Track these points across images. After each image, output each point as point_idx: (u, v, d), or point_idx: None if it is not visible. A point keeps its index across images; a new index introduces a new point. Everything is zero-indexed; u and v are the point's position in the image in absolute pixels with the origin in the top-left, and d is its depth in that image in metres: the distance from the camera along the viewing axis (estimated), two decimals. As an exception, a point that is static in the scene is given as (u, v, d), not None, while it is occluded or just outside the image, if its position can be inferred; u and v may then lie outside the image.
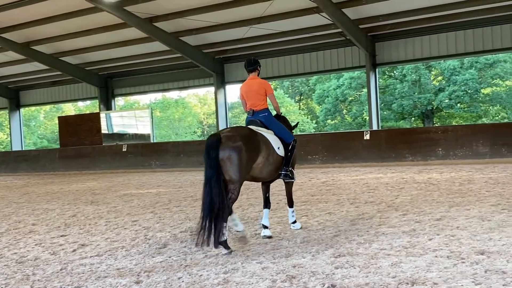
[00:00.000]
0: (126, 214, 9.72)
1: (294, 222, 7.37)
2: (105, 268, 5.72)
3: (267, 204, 7.20)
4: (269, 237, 6.86)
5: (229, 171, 6.14)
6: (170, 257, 6.05)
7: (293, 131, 7.82)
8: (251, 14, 21.14)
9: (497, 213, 7.44)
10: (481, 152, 16.90)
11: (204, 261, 5.76)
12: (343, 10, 19.92)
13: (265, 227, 6.98)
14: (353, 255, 5.55)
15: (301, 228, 7.35)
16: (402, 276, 4.72)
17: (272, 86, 8.00)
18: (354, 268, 5.08)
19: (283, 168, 7.03)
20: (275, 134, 7.03)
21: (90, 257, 6.32)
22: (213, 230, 5.92)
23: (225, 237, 6.06)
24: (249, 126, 6.95)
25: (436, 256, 5.30)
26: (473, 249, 5.48)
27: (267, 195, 7.29)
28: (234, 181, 6.20)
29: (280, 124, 7.30)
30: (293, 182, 7.38)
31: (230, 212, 6.28)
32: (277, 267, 5.27)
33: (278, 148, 6.87)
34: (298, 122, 8.33)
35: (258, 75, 7.46)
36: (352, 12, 20.32)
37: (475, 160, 16.65)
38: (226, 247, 6.08)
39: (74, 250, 6.77)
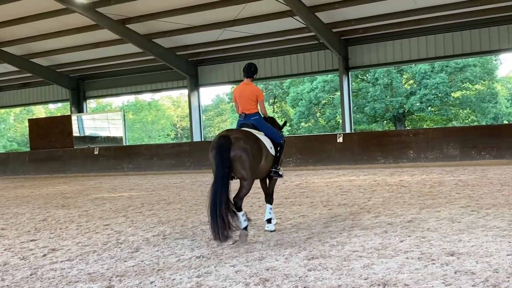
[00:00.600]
0: (98, 218, 9.61)
1: (270, 221, 7.48)
2: (76, 273, 5.63)
3: (266, 199, 7.76)
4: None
5: (241, 170, 6.63)
6: (142, 261, 5.99)
7: (282, 130, 8.28)
8: (225, 17, 21.15)
9: (466, 215, 7.57)
10: (451, 154, 17.19)
11: (177, 265, 5.72)
12: (316, 14, 20.08)
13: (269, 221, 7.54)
14: (326, 257, 5.58)
15: (274, 230, 7.35)
16: (374, 277, 4.77)
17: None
18: (327, 270, 5.10)
19: (274, 166, 7.54)
20: (266, 135, 7.48)
21: (61, 261, 6.22)
22: (226, 225, 6.26)
23: (246, 223, 6.62)
24: (246, 129, 7.32)
25: (407, 258, 5.36)
26: (443, 251, 5.56)
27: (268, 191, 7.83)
28: (246, 178, 6.70)
29: (270, 125, 7.75)
30: (277, 179, 7.83)
31: (240, 209, 6.71)
32: (250, 270, 5.27)
33: (271, 148, 7.41)
34: (286, 121, 8.72)
35: (252, 81, 7.87)
36: (325, 16, 20.50)
37: (445, 163, 16.93)
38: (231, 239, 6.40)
39: (44, 255, 6.66)
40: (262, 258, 5.74)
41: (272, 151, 7.42)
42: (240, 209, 6.67)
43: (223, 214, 6.26)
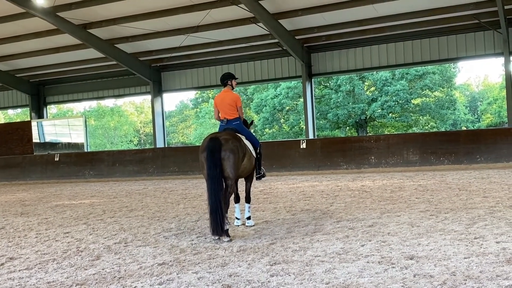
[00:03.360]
0: (58, 226, 9.43)
1: (249, 218, 8.27)
2: (35, 282, 5.51)
3: (244, 198, 8.44)
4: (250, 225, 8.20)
5: (228, 169, 7.24)
6: (103, 269, 5.91)
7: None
8: (188, 23, 21.12)
9: (425, 219, 7.73)
10: (411, 160, 17.53)
11: (139, 272, 5.66)
12: (279, 21, 20.26)
13: (237, 218, 8.30)
14: (288, 263, 5.62)
15: (254, 225, 8.12)
16: (335, 282, 4.82)
17: (210, 95, 8.74)
18: (289, 275, 5.14)
19: (256, 170, 8.36)
20: (246, 139, 8.07)
21: (19, 270, 6.08)
22: (220, 221, 6.90)
23: (227, 226, 7.05)
24: (231, 132, 7.90)
25: (368, 262, 5.44)
26: (402, 254, 5.67)
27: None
28: (231, 178, 7.33)
29: (249, 131, 8.46)
30: (252, 180, 8.53)
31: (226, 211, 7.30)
32: (213, 277, 5.26)
33: (252, 150, 8.08)
34: (252, 120, 9.59)
35: (232, 89, 8.40)
36: (288, 23, 20.69)
37: (405, 168, 17.25)
38: (228, 235, 7.05)
39: (2, 264, 6.50)
40: (225, 265, 5.74)
41: (254, 153, 8.08)
42: (225, 211, 7.24)
43: (220, 211, 6.91)
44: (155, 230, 8.27)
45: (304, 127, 24.24)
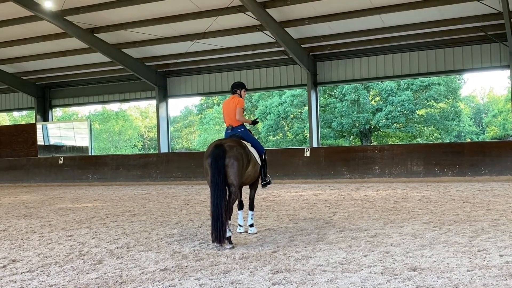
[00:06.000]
0: (61, 229, 9.44)
1: (252, 225, 8.28)
2: (37, 285, 5.52)
3: (247, 205, 8.55)
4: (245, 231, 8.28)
5: (231, 176, 7.25)
6: (105, 273, 5.91)
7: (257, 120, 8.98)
8: (195, 29, 21.19)
9: (429, 231, 7.70)
10: (415, 171, 17.50)
11: (141, 277, 5.66)
12: (286, 29, 20.31)
13: (240, 225, 8.37)
14: (290, 271, 5.60)
15: (256, 232, 8.11)
16: (338, 292, 4.81)
17: (215, 101, 8.71)
18: (291, 284, 5.12)
19: (262, 177, 8.43)
20: (252, 146, 8.11)
21: (21, 273, 6.08)
22: (221, 228, 6.92)
23: (229, 234, 7.09)
24: (236, 139, 7.94)
25: (370, 272, 5.42)
26: (405, 266, 5.65)
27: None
28: (234, 184, 7.32)
29: (255, 138, 8.43)
30: (257, 188, 8.63)
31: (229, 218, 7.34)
32: (215, 284, 5.25)
33: (258, 157, 8.11)
34: (257, 118, 9.44)
35: (241, 96, 8.40)
36: (295, 32, 20.74)
37: (409, 179, 17.21)
38: (230, 242, 7.08)
39: (4, 266, 6.50)
40: (227, 272, 5.73)
41: (259, 161, 8.10)
42: (228, 218, 7.26)
43: (222, 218, 6.91)
44: (157, 236, 8.27)
45: (308, 135, 24.24)
